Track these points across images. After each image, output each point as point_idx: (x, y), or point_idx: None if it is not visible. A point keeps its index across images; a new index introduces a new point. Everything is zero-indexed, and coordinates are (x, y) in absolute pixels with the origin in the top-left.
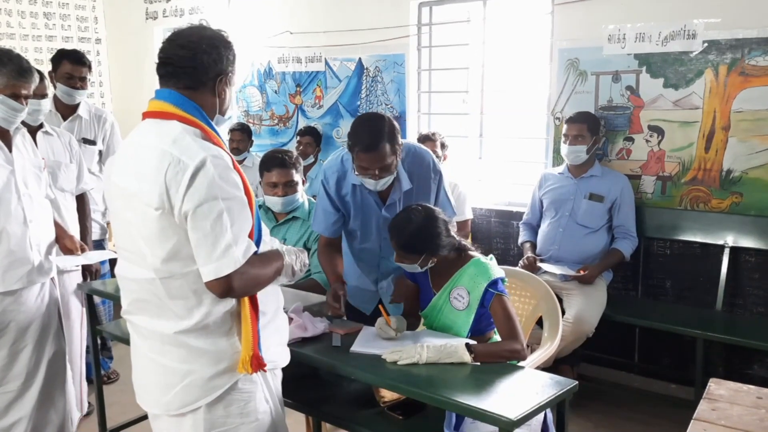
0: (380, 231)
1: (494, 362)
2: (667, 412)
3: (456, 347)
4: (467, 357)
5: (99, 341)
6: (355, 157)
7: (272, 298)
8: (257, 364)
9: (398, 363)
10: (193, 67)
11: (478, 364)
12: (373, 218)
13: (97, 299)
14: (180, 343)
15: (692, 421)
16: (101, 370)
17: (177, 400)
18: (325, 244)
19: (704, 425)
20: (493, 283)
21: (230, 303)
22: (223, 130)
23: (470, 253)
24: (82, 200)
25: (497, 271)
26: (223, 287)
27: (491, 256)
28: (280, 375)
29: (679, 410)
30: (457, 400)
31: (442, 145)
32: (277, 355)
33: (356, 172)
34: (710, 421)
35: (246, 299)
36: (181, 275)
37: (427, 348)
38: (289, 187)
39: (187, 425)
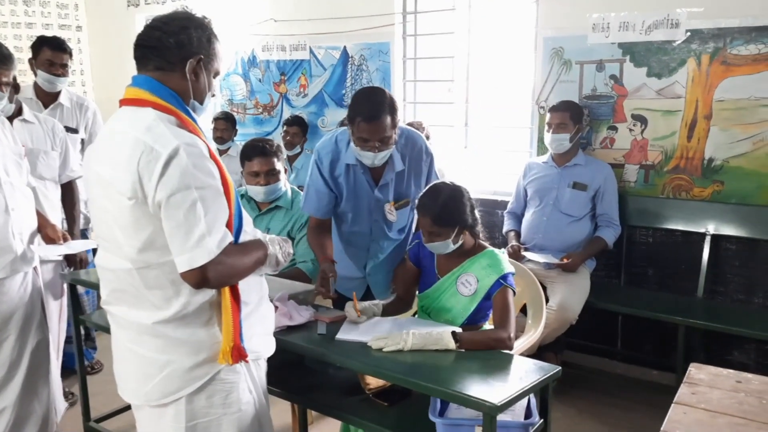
0: (371, 213)
1: (479, 350)
2: (648, 398)
3: (441, 334)
4: (452, 344)
5: (83, 331)
6: (355, 129)
7: (255, 287)
8: (238, 354)
9: (384, 350)
10: (158, 48)
11: (463, 351)
12: (365, 199)
13: (80, 289)
14: (158, 334)
15: (672, 404)
16: (85, 360)
17: (157, 391)
18: (315, 225)
19: (684, 408)
20: (505, 277)
21: (209, 293)
22: (207, 119)
23: (482, 243)
24: (69, 188)
25: (509, 266)
26: (198, 278)
27: (503, 250)
28: (264, 365)
29: (661, 396)
30: (442, 387)
31: (426, 136)
32: (261, 345)
33: (355, 145)
34: (690, 404)
35: (226, 289)
36: (158, 265)
37: (413, 335)
38: (271, 175)
39: (169, 416)
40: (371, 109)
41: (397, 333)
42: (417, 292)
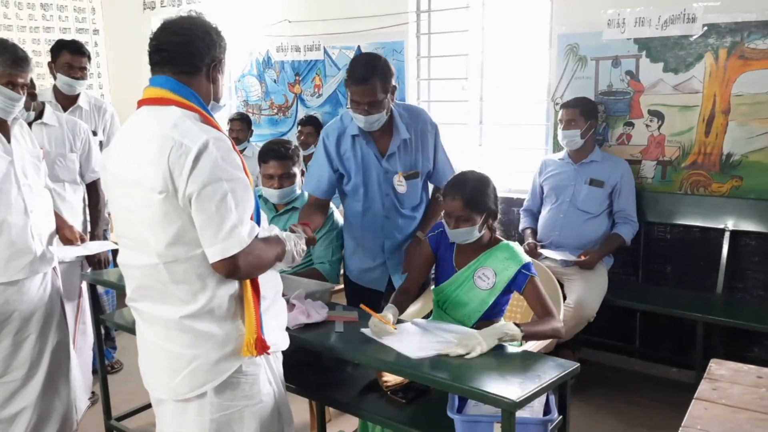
0: (381, 186)
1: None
2: (667, 396)
3: (505, 324)
4: (518, 333)
5: (103, 331)
6: (348, 92)
7: (271, 282)
8: (261, 346)
9: (467, 357)
10: (189, 53)
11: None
12: (373, 172)
13: (100, 289)
14: (185, 328)
15: (693, 400)
16: (105, 360)
17: (184, 385)
18: (312, 202)
19: (705, 404)
20: (526, 266)
21: (233, 287)
22: (222, 119)
23: (498, 236)
24: (93, 189)
25: (527, 256)
26: (229, 267)
27: (516, 242)
28: (281, 357)
29: (680, 393)
30: (460, 383)
31: None
32: (278, 338)
33: (349, 107)
34: (711, 400)
35: (248, 283)
36: (185, 259)
37: (483, 335)
38: (286, 179)
39: (192, 410)
40: (362, 72)
41: (469, 336)
42: (433, 286)
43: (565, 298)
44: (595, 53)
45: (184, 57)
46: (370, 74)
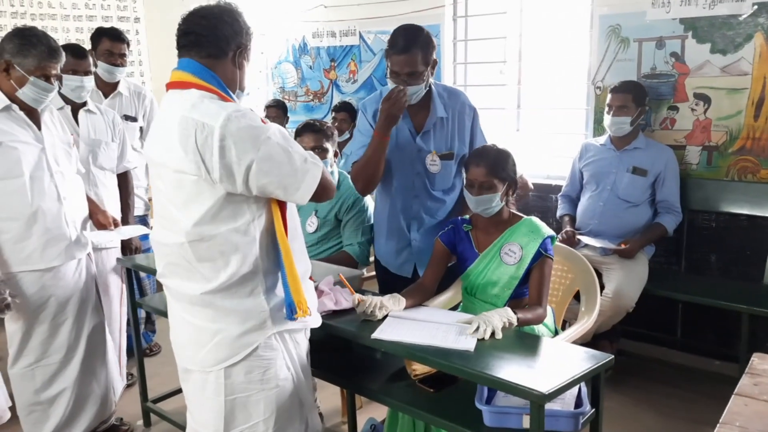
0: (413, 164)
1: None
2: (709, 389)
3: (506, 309)
4: (515, 318)
5: (144, 314)
6: (389, 62)
7: (302, 258)
8: (306, 309)
9: (486, 337)
10: (216, 36)
11: (511, 336)
12: (407, 149)
13: (142, 273)
14: (207, 304)
15: (733, 396)
16: (144, 342)
17: (210, 357)
18: None
19: (745, 400)
20: (545, 245)
21: (255, 263)
22: (258, 105)
23: (517, 213)
24: (124, 178)
25: (549, 229)
26: (321, 192)
27: (558, 236)
28: (303, 342)
29: (723, 387)
30: (489, 374)
31: None
32: (312, 316)
33: (389, 78)
34: (752, 396)
35: (289, 253)
36: (210, 237)
37: (490, 315)
38: (319, 152)
39: (210, 387)
40: (403, 41)
41: (478, 317)
42: (460, 276)
43: (603, 287)
44: (638, 34)
45: (211, 40)
46: (411, 44)
